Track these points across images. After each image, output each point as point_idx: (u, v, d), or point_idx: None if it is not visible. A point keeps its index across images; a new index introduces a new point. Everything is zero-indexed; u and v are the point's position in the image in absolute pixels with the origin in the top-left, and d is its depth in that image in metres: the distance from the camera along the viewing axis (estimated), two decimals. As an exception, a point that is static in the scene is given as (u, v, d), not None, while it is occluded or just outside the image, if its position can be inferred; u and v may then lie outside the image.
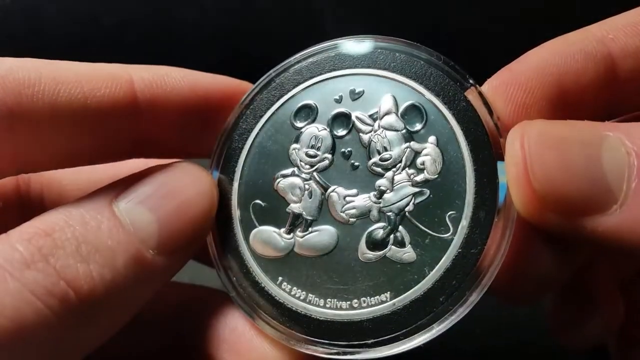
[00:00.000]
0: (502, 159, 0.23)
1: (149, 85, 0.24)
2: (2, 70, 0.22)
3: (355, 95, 0.25)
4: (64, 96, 0.22)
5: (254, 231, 0.25)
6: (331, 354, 0.23)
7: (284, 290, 0.24)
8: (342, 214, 0.24)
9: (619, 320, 0.29)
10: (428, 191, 0.23)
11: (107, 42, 0.52)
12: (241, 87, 0.27)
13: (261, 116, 0.26)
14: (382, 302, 0.23)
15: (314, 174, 0.25)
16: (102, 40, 0.53)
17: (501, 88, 0.24)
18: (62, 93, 0.22)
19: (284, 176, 0.25)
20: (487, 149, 0.23)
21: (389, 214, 0.24)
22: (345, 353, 0.23)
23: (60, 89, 0.22)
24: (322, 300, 0.24)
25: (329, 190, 0.25)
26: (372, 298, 0.23)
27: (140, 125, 0.24)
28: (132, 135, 0.25)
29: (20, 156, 0.23)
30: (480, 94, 0.24)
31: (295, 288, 0.24)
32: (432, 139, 0.24)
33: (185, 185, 0.24)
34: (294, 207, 0.25)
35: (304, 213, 0.25)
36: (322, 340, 0.23)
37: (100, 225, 0.21)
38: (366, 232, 0.24)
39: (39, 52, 0.54)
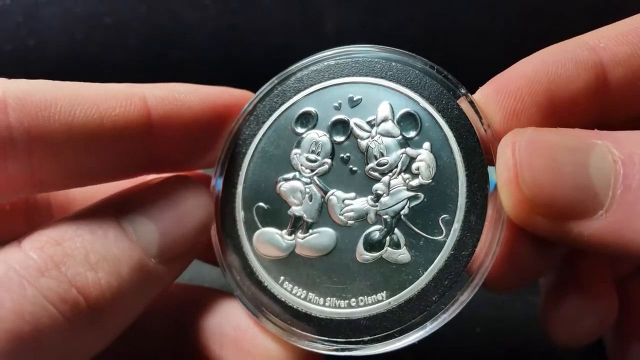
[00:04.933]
0: (493, 165, 0.24)
1: (162, 101, 0.25)
2: (19, 92, 0.22)
3: (354, 103, 0.26)
4: (80, 117, 0.22)
5: (257, 232, 0.26)
6: (330, 350, 0.24)
7: (285, 289, 0.25)
8: (340, 216, 0.25)
9: (613, 317, 0.30)
10: (422, 195, 0.24)
11: (107, 42, 0.53)
12: (245, 96, 0.28)
13: (264, 122, 0.27)
14: (379, 301, 0.24)
15: (314, 178, 0.26)
16: (102, 40, 0.53)
17: (492, 96, 0.25)
18: (78, 114, 0.22)
19: (286, 180, 0.26)
20: (479, 155, 0.24)
21: (386, 217, 0.25)
22: (343, 350, 0.24)
23: (76, 109, 0.22)
24: (321, 299, 0.25)
25: (329, 194, 0.26)
26: (369, 297, 0.24)
27: (154, 141, 0.25)
28: (146, 152, 0.25)
29: (36, 177, 0.23)
30: (472, 102, 0.25)
31: (296, 287, 0.25)
32: (426, 145, 0.25)
33: (183, 198, 0.25)
34: (295, 210, 0.26)
35: (304, 215, 0.26)
36: (321, 337, 0.25)
37: (106, 234, 0.22)
38: (364, 234, 0.25)
39: (39, 52, 0.55)
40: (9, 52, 0.54)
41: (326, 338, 0.24)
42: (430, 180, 0.24)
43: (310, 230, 0.26)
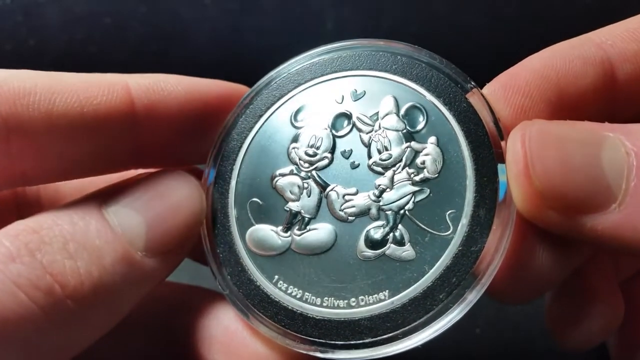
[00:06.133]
0: (503, 161, 0.23)
1: (146, 91, 0.24)
2: None
3: (357, 96, 0.25)
4: (60, 105, 0.22)
5: (250, 229, 0.25)
6: (327, 353, 0.23)
7: (279, 288, 0.24)
8: (340, 212, 0.24)
9: (620, 320, 0.29)
10: (428, 190, 0.23)
11: (107, 42, 0.52)
12: (238, 90, 0.27)
13: (261, 115, 0.26)
14: (381, 300, 0.23)
15: (313, 172, 0.25)
16: (102, 40, 0.52)
17: (500, 91, 0.24)
18: (58, 102, 0.22)
19: (283, 175, 0.25)
20: (488, 149, 0.23)
21: (389, 212, 0.23)
22: (342, 352, 0.23)
23: (56, 98, 0.22)
24: (319, 299, 0.23)
25: (328, 189, 0.25)
26: (371, 296, 0.23)
27: (138, 133, 0.24)
28: (130, 144, 0.25)
29: (16, 168, 0.22)
30: (482, 95, 0.24)
31: (291, 287, 0.24)
32: (432, 139, 0.24)
33: (172, 189, 0.24)
34: (292, 205, 0.25)
35: (302, 211, 0.25)
36: (318, 340, 0.23)
37: (88, 225, 0.21)
38: (365, 231, 0.24)
39: (39, 51, 0.54)
40: (9, 51, 0.54)
41: (323, 340, 0.23)
42: (437, 175, 0.23)
43: (308, 227, 0.24)
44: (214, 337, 0.25)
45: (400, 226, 0.23)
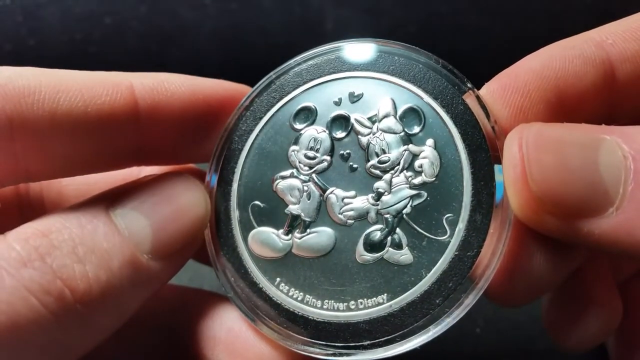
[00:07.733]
0: (499, 162, 0.23)
1: (150, 91, 0.24)
2: (2, 79, 0.21)
3: (355, 98, 0.25)
4: (64, 104, 0.22)
5: (252, 232, 0.25)
6: (327, 355, 0.23)
7: (281, 291, 0.24)
8: (340, 215, 0.24)
9: (618, 321, 0.29)
10: (425, 194, 0.23)
11: (107, 42, 0.52)
12: (241, 90, 0.27)
13: (261, 118, 0.26)
14: (379, 303, 0.23)
15: (313, 175, 0.25)
16: (102, 40, 0.52)
17: (499, 91, 0.24)
18: (62, 101, 0.22)
19: (283, 178, 0.25)
20: (484, 152, 0.23)
21: (387, 216, 0.24)
22: (341, 354, 0.23)
23: (61, 97, 0.22)
24: (319, 301, 0.24)
25: (328, 192, 0.25)
26: (369, 300, 0.23)
27: (141, 132, 0.24)
28: (133, 143, 0.25)
29: (20, 166, 0.22)
30: (478, 97, 0.24)
31: (292, 289, 0.24)
32: (430, 141, 0.24)
33: (178, 193, 0.24)
34: (293, 209, 0.25)
35: (302, 214, 0.25)
36: (318, 341, 0.23)
37: (96, 228, 0.21)
38: (364, 234, 0.24)
39: (39, 51, 0.54)
40: (9, 51, 0.54)
41: (324, 342, 0.23)
42: (434, 179, 0.23)
43: (308, 230, 0.25)
44: (218, 337, 0.26)
45: (398, 230, 0.23)
